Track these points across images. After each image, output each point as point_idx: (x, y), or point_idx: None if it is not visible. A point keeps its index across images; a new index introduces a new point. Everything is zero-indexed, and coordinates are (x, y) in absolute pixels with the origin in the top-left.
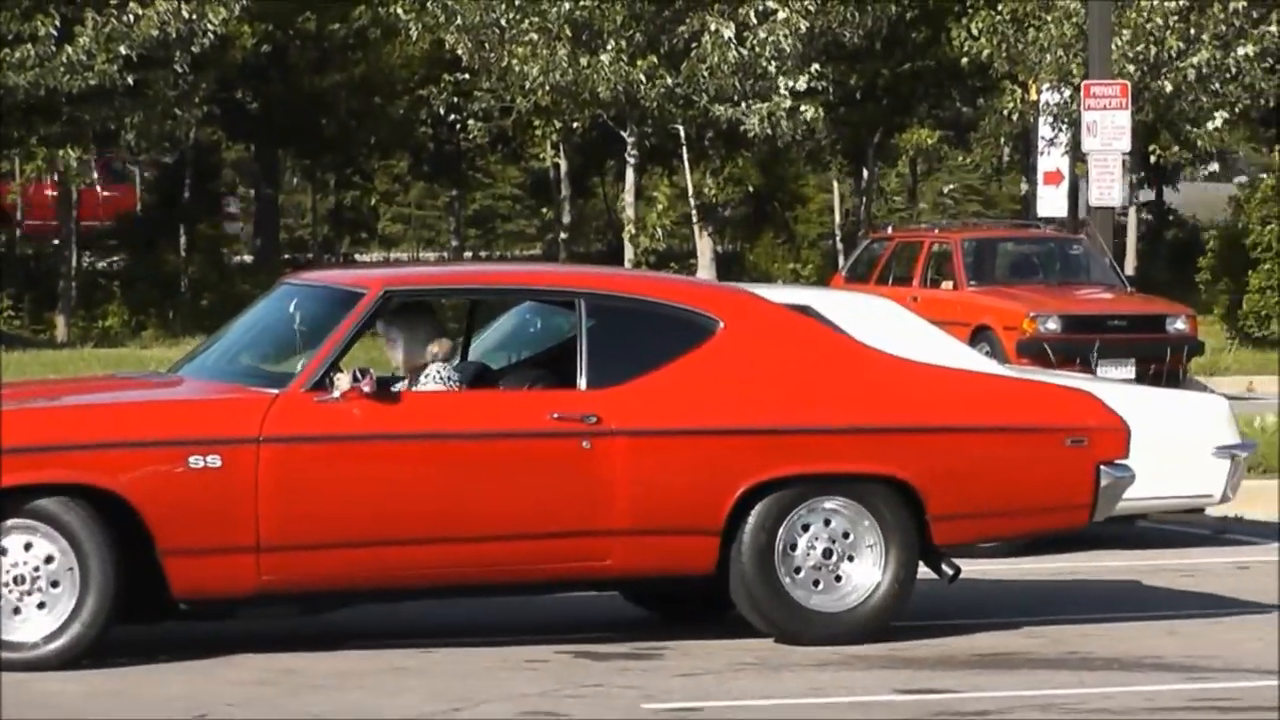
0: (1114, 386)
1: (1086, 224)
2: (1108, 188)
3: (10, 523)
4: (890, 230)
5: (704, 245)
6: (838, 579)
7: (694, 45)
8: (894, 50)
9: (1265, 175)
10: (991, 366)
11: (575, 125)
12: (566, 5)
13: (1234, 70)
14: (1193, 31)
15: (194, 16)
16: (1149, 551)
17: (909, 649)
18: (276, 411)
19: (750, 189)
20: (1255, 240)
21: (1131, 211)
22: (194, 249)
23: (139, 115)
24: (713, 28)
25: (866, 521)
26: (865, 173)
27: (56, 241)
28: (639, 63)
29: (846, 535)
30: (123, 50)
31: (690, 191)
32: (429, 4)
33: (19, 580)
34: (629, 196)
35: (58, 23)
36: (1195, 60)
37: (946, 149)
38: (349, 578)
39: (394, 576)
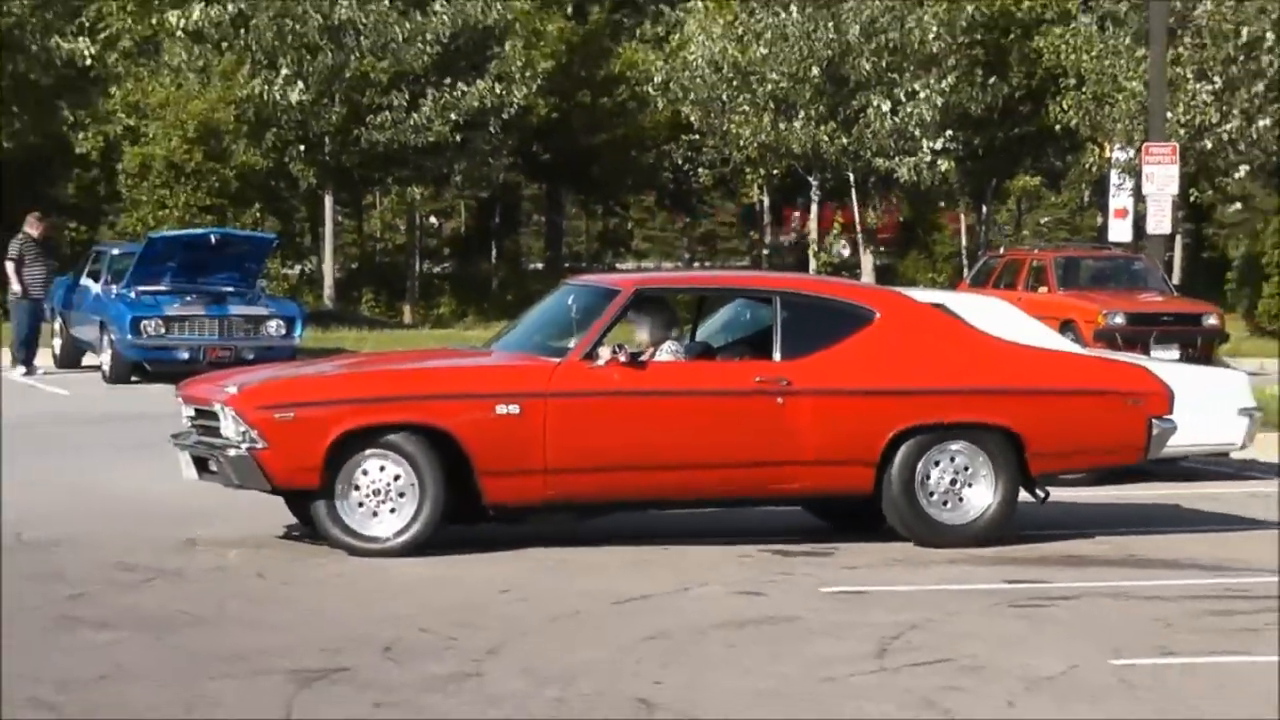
0: (1164, 364)
1: (1145, 247)
2: (1161, 221)
3: (370, 451)
4: (1002, 250)
5: (866, 260)
6: (960, 500)
7: (861, 115)
8: (1006, 119)
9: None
10: (1074, 348)
11: (775, 172)
12: (769, 85)
13: (1255, 136)
14: (1225, 108)
15: (503, 93)
16: (1188, 483)
17: (1015, 552)
18: (559, 374)
19: (901, 219)
20: (1268, 259)
21: (1178, 238)
22: (501, 258)
23: (464, 163)
24: (875, 103)
25: (981, 458)
26: (984, 208)
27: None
28: (822, 128)
29: (967, 468)
30: (453, 117)
31: (857, 221)
32: (671, 84)
33: (376, 493)
34: (813, 224)
35: (407, 97)
36: (1227, 129)
37: (1044, 191)
38: (609, 492)
39: (641, 492)
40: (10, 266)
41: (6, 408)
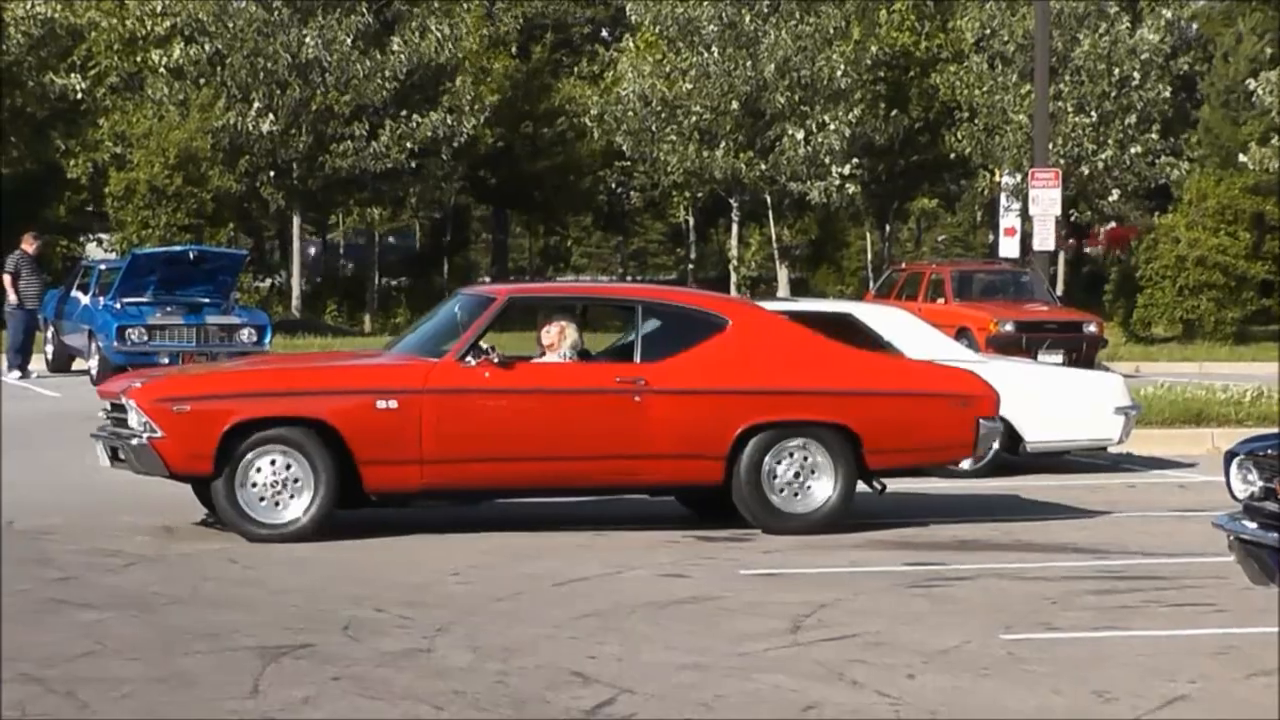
0: (1049, 368)
1: (1031, 262)
2: (1045, 239)
3: (265, 444)
4: (903, 265)
5: (782, 274)
6: (807, 490)
7: (777, 144)
8: (907, 147)
9: (1149, 233)
10: (964, 354)
11: (699, 195)
12: (694, 117)
13: (1128, 163)
14: (1101, 138)
15: (454, 124)
16: (1071, 474)
17: (913, 536)
18: (435, 373)
19: (811, 238)
20: (1141, 274)
21: (1060, 254)
22: (452, 274)
23: (418, 187)
24: (789, 132)
25: (822, 454)
26: (887, 227)
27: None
28: (741, 155)
29: (808, 462)
30: (408, 145)
31: (773, 238)
32: (605, 116)
33: (274, 483)
34: (733, 241)
35: (367, 127)
36: (1103, 156)
37: (941, 212)
38: (480, 482)
39: (510, 482)
40: (7, 279)
41: (5, 408)
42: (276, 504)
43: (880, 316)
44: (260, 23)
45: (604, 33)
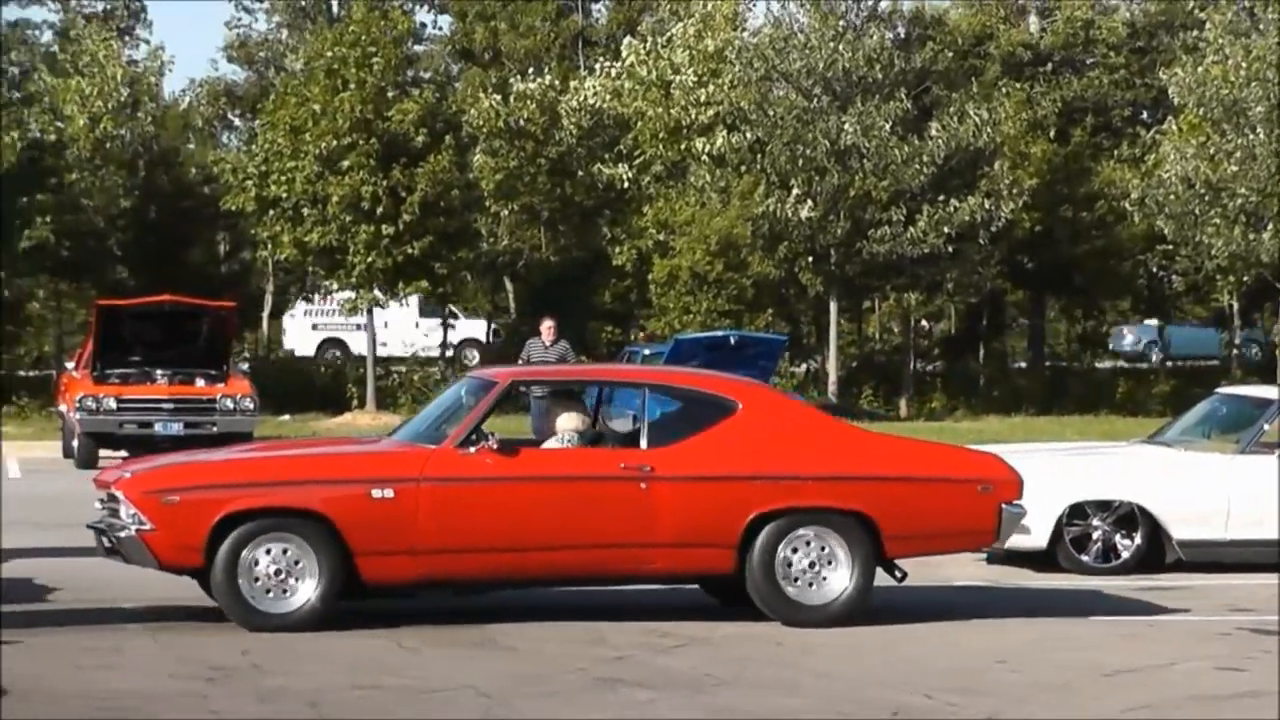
0: None
1: None
2: None
3: (266, 533)
4: None
5: None
6: (823, 580)
7: None
8: None
9: None
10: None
11: (1245, 279)
12: (1239, 200)
13: None
14: None
15: (992, 208)
16: None
17: None
18: (433, 460)
19: None
20: None
21: None
22: (988, 357)
23: (955, 272)
24: None
25: (839, 541)
26: None
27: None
28: None
29: (825, 551)
30: (945, 230)
31: None
32: (1146, 199)
33: (276, 572)
34: None
35: (904, 212)
36: None
37: None
38: (480, 572)
39: (512, 572)
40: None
41: None
42: (284, 591)
43: None
44: (800, 110)
45: (1144, 114)
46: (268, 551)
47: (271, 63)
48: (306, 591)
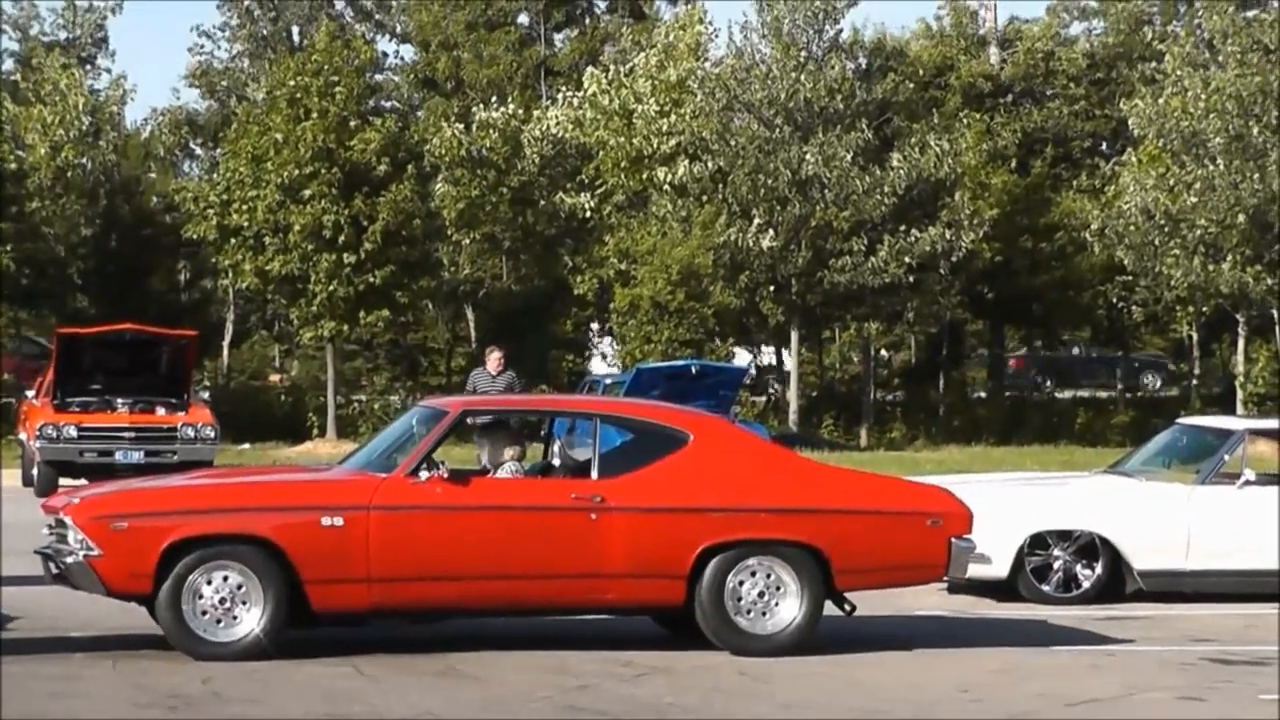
0: None
1: None
2: None
3: (212, 561)
4: None
5: None
6: (774, 610)
7: None
8: None
9: None
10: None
11: (1204, 310)
12: (1199, 231)
13: None
14: None
15: (953, 238)
16: None
17: None
18: (383, 489)
19: None
20: None
21: None
22: (948, 387)
23: (916, 302)
24: None
25: (788, 573)
26: None
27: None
28: (1249, 269)
29: (773, 581)
30: (906, 260)
31: None
32: (1106, 230)
33: (221, 600)
34: (1239, 358)
35: (865, 242)
36: None
37: None
38: (431, 601)
39: (463, 601)
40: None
41: None
42: (232, 618)
43: None
44: (762, 140)
45: (1104, 146)
46: (209, 582)
47: (233, 91)
48: (251, 621)
